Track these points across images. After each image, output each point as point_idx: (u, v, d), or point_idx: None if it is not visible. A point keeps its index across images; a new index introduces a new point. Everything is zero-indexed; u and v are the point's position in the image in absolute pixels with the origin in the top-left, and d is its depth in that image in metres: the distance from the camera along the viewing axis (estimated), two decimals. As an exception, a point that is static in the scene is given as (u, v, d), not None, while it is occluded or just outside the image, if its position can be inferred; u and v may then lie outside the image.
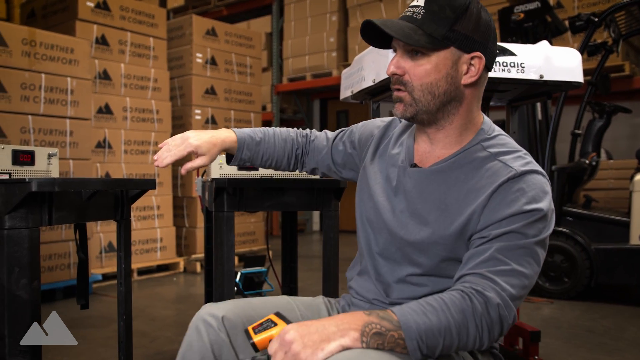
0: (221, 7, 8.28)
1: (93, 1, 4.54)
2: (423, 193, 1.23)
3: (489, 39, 1.20)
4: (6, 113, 3.61)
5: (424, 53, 1.18)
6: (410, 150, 1.31)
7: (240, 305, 1.29)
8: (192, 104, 5.23)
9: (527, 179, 1.13)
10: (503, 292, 1.05)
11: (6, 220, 1.30)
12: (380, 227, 1.30)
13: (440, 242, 1.17)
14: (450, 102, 1.21)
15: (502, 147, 1.21)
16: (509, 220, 1.10)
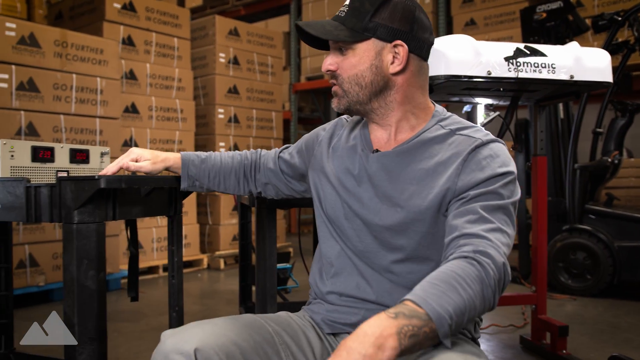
0: (239, 6, 8.37)
1: (120, 2, 4.64)
2: (391, 174, 1.24)
3: (414, 27, 1.22)
4: (40, 112, 3.72)
5: (350, 47, 1.23)
6: (367, 138, 1.33)
7: (207, 330, 1.11)
8: (215, 103, 5.32)
9: (493, 146, 1.18)
10: (499, 250, 1.05)
11: (75, 215, 1.39)
12: (351, 220, 1.29)
13: (419, 217, 1.18)
14: (382, 91, 1.24)
15: (459, 123, 1.26)
16: (485, 183, 1.13)
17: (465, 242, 1.07)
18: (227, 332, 1.13)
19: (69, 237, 1.39)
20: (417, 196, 1.19)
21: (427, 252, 1.21)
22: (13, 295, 2.15)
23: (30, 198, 1.44)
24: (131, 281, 1.87)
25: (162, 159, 1.52)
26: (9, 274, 2.12)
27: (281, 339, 1.22)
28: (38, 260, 3.66)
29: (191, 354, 1.05)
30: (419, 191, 1.19)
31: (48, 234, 3.73)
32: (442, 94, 2.49)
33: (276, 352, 1.19)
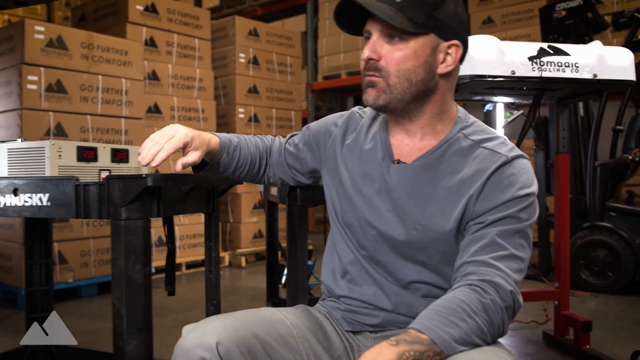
0: (256, 6, 8.45)
1: (142, 4, 4.74)
2: (413, 189, 1.18)
3: (464, 29, 1.18)
4: (67, 113, 3.82)
5: (402, 38, 1.13)
6: (387, 145, 1.25)
7: (228, 324, 1.10)
8: (235, 102, 5.41)
9: (517, 164, 1.15)
10: (509, 278, 1.06)
11: (123, 212, 1.47)
12: (366, 230, 1.24)
13: (441, 238, 1.15)
14: (425, 92, 1.17)
15: (483, 133, 1.20)
16: (504, 205, 1.11)
17: (473, 269, 1.08)
18: (247, 325, 1.11)
19: (117, 233, 1.47)
20: (440, 216, 1.15)
21: (448, 268, 1.17)
22: (53, 290, 2.24)
23: (79, 196, 1.53)
24: (168, 276, 1.95)
25: (207, 144, 1.28)
26: (49, 269, 2.21)
27: (300, 332, 1.20)
28: (67, 258, 3.77)
29: (213, 347, 1.04)
30: (442, 210, 1.15)
31: (76, 231, 3.83)
32: (465, 93, 2.54)
33: (295, 345, 1.17)
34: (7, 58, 3.76)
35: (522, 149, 1.93)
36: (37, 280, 2.19)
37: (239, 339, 1.07)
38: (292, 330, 1.19)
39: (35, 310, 2.20)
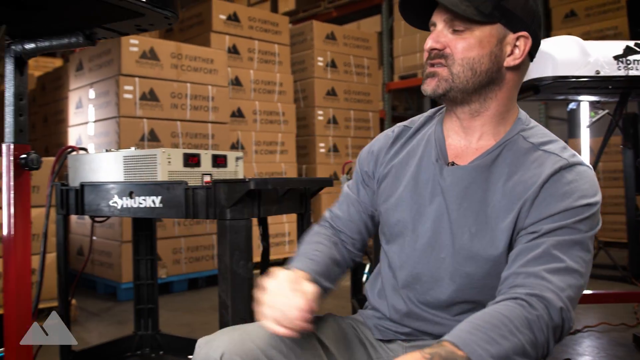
0: (331, 9, 8.61)
1: (225, 14, 4.99)
2: (466, 193, 1.13)
3: (535, 22, 1.13)
4: (160, 120, 4.11)
5: (467, 27, 1.10)
6: (442, 146, 1.20)
7: (236, 337, 1.10)
8: (314, 105, 5.59)
9: (579, 170, 1.08)
10: (562, 293, 0.98)
11: (228, 212, 1.64)
12: (414, 239, 1.19)
13: (492, 245, 1.10)
14: (489, 85, 1.13)
15: (543, 136, 1.15)
16: (561, 215, 1.04)
17: (521, 281, 1.00)
18: (256, 338, 1.11)
19: (222, 231, 1.65)
20: (493, 220, 1.10)
21: (494, 282, 1.09)
22: (158, 284, 2.47)
23: (188, 198, 1.72)
24: (263, 272, 2.11)
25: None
26: (154, 264, 2.43)
27: (319, 341, 1.18)
28: (160, 255, 4.05)
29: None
30: (495, 215, 1.10)
31: (169, 230, 4.12)
32: (548, 94, 2.57)
33: (310, 356, 1.15)
34: (106, 70, 4.09)
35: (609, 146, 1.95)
36: (143, 274, 2.43)
37: (244, 352, 1.07)
38: (313, 340, 1.17)
39: (142, 302, 2.43)
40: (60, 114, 4.88)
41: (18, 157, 1.52)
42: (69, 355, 2.09)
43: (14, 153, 1.52)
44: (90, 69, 4.28)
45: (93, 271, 4.16)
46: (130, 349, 2.40)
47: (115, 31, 1.46)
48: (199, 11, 5.02)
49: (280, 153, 5.24)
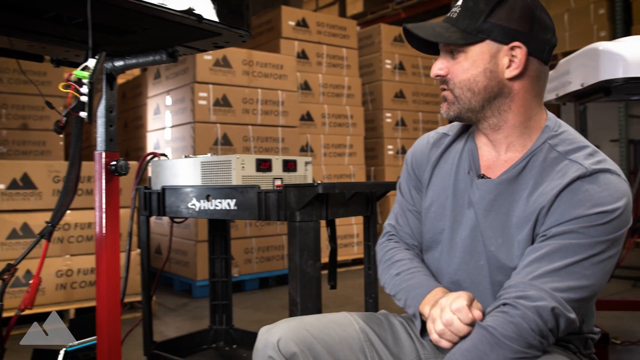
0: (399, 10, 8.64)
1: (294, 20, 5.15)
2: (492, 206, 1.19)
3: (534, 27, 1.15)
4: (232, 125, 4.30)
5: (462, 51, 1.16)
6: (475, 156, 1.26)
7: (292, 326, 1.23)
8: (382, 107, 5.66)
9: (599, 178, 1.09)
10: (558, 294, 1.04)
11: (297, 215, 1.75)
12: (453, 246, 1.26)
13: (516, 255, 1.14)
14: (496, 98, 1.17)
15: (571, 143, 1.16)
16: (572, 222, 1.07)
17: (516, 282, 1.08)
18: (310, 327, 1.23)
19: (292, 232, 1.76)
20: (516, 231, 1.15)
21: None
22: (232, 282, 2.62)
23: (261, 201, 1.84)
24: (331, 272, 2.22)
25: None
26: (228, 263, 2.59)
27: (366, 336, 1.28)
28: (233, 254, 4.24)
29: (275, 345, 1.18)
30: (519, 225, 1.15)
31: (241, 231, 4.30)
32: (620, 95, 2.55)
33: (360, 348, 1.25)
34: (182, 78, 4.32)
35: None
36: (218, 272, 2.58)
37: (298, 339, 1.19)
38: (359, 334, 1.27)
39: (217, 298, 2.58)
40: (139, 119, 5.18)
41: (108, 163, 1.69)
42: (151, 345, 2.27)
43: (105, 160, 1.69)
44: (167, 77, 4.53)
45: (170, 269, 4.41)
46: (205, 342, 2.56)
47: (195, 48, 1.61)
48: (269, 18, 5.20)
49: (348, 155, 5.35)
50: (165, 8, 1.27)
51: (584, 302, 1.08)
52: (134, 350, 2.69)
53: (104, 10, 1.23)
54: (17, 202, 3.26)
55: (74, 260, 3.38)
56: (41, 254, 1.55)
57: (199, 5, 1.36)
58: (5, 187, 3.23)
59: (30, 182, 3.31)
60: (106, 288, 1.72)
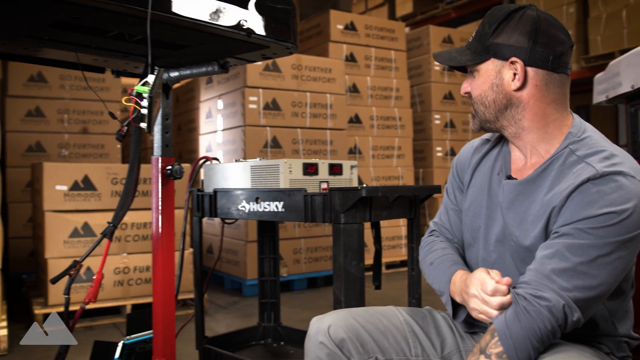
0: (449, 10, 8.60)
1: (342, 23, 5.23)
2: (513, 204, 1.30)
3: (536, 40, 1.24)
4: (281, 128, 4.42)
5: (476, 70, 1.32)
6: (507, 160, 1.38)
7: (341, 315, 1.38)
8: (431, 109, 5.68)
9: (611, 180, 1.14)
10: (565, 293, 1.11)
11: (342, 217, 1.83)
12: (487, 243, 1.37)
13: (531, 249, 1.23)
14: (508, 109, 1.30)
15: (591, 148, 1.22)
16: (582, 222, 1.13)
17: (530, 278, 1.16)
18: (358, 316, 1.38)
19: (337, 234, 1.84)
20: (531, 229, 1.25)
21: None
22: (280, 282, 2.72)
23: (307, 204, 1.93)
24: (375, 272, 2.29)
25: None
26: (277, 263, 2.69)
27: (410, 327, 1.40)
28: (282, 254, 4.36)
29: (326, 332, 1.33)
30: (534, 223, 1.24)
31: (290, 232, 4.41)
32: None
33: (404, 338, 1.38)
34: (232, 83, 4.47)
35: None
36: (266, 271, 2.69)
37: (347, 327, 1.34)
38: (403, 326, 1.41)
39: (266, 297, 2.69)
40: (192, 123, 5.37)
41: (164, 168, 1.82)
42: (203, 340, 2.39)
43: (161, 165, 1.81)
44: (219, 82, 4.68)
45: (221, 268, 4.56)
46: (254, 338, 2.67)
47: (245, 60, 1.71)
48: (318, 22, 5.30)
49: (397, 157, 5.39)
50: (217, 25, 1.38)
51: (591, 301, 1.14)
52: (187, 344, 2.83)
53: (161, 28, 1.34)
54: (78, 203, 3.47)
55: (130, 258, 3.56)
56: (103, 252, 1.68)
57: (248, 20, 1.46)
58: (67, 189, 3.44)
59: (91, 184, 3.51)
60: (162, 285, 1.84)
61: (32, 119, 4.49)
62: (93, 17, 1.26)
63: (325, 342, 1.32)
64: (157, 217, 1.83)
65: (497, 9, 1.32)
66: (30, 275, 4.33)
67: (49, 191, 3.40)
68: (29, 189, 4.35)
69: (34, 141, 4.51)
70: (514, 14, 1.27)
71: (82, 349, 2.78)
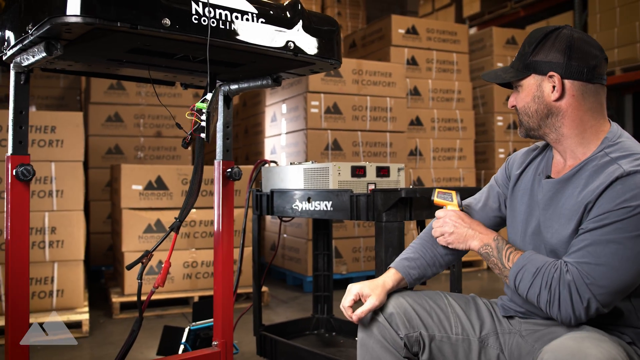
0: (518, 9, 8.54)
1: (403, 28, 5.39)
2: (551, 201, 1.45)
3: (570, 56, 1.41)
4: (342, 131, 4.64)
5: (519, 85, 1.50)
6: (548, 162, 1.55)
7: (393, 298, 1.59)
8: (494, 111, 5.75)
9: (634, 178, 1.28)
10: (582, 279, 1.28)
11: (384, 216, 2.02)
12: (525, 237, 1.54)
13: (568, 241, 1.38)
14: (549, 118, 1.46)
15: (624, 151, 1.36)
16: (604, 215, 1.28)
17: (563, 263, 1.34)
18: (407, 299, 1.59)
19: (379, 231, 2.04)
20: (567, 223, 1.39)
21: None
22: (335, 278, 2.93)
23: (352, 203, 2.13)
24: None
25: (382, 285, 1.61)
26: (330, 259, 2.90)
27: (453, 309, 1.59)
28: (342, 253, 4.57)
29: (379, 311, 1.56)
30: (569, 217, 1.39)
31: (349, 231, 4.62)
32: None
33: (446, 317, 1.57)
34: (295, 88, 4.72)
35: None
36: (320, 267, 2.91)
37: (396, 304, 1.56)
38: (447, 307, 1.61)
39: (319, 290, 2.91)
40: (258, 126, 5.67)
41: (225, 171, 2.07)
42: (260, 327, 2.63)
43: (222, 168, 2.07)
44: (283, 87, 4.95)
45: (284, 265, 4.82)
46: (308, 329, 2.90)
47: (295, 74, 1.93)
48: (380, 27, 5.48)
49: (458, 159, 5.49)
50: (268, 47, 1.60)
51: (612, 295, 1.29)
52: (247, 333, 3.09)
53: (219, 51, 1.58)
54: (151, 201, 3.81)
55: (198, 253, 3.88)
56: (171, 245, 1.95)
57: (296, 41, 1.67)
58: (142, 188, 3.79)
59: (163, 184, 3.84)
60: (221, 274, 2.09)
61: (111, 123, 4.91)
62: (162, 44, 1.52)
63: (376, 316, 1.55)
64: (218, 214, 2.09)
65: (536, 31, 1.50)
66: (108, 267, 4.75)
67: (126, 190, 3.76)
68: (108, 188, 4.77)
69: (113, 144, 4.93)
70: (550, 34, 1.45)
71: (154, 334, 3.09)
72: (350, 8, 9.63)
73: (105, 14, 1.29)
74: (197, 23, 1.44)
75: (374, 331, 1.55)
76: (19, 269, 1.65)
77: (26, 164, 1.63)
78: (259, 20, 1.58)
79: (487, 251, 1.50)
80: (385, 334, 1.53)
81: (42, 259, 3.31)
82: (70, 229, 3.37)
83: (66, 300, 3.36)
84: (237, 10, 1.53)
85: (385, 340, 1.53)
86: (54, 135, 3.35)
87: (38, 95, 5.55)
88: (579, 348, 1.18)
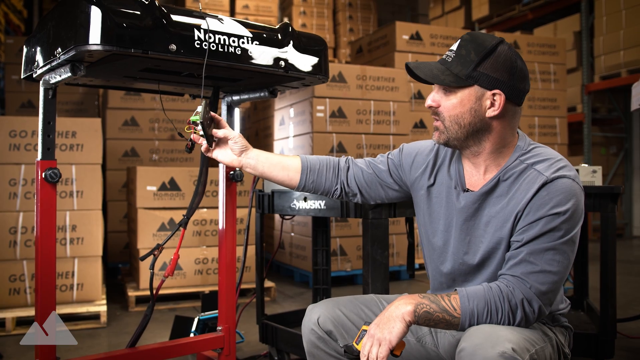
0: (526, 11, 8.73)
1: (408, 34, 5.63)
2: (476, 213, 1.50)
3: (514, 77, 1.42)
4: (347, 134, 4.88)
5: (453, 91, 1.44)
6: (461, 175, 1.56)
7: (329, 305, 1.65)
8: (495, 114, 5.95)
9: (556, 184, 1.37)
10: (530, 290, 1.35)
11: (370, 213, 2.27)
12: (445, 251, 1.58)
13: (498, 248, 1.45)
14: (478, 132, 1.46)
15: (538, 156, 1.44)
16: (536, 222, 1.35)
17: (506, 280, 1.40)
18: (342, 306, 1.64)
19: (366, 227, 2.28)
20: (498, 231, 1.45)
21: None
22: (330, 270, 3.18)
23: (343, 203, 2.38)
24: (409, 263, 2.70)
25: (246, 156, 1.89)
26: (328, 254, 3.15)
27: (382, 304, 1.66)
28: (346, 250, 4.82)
29: (316, 321, 1.63)
30: (498, 225, 1.45)
31: (353, 229, 4.86)
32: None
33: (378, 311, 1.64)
34: (302, 93, 4.98)
35: None
36: (320, 262, 3.15)
37: (334, 317, 1.62)
38: (376, 307, 1.68)
39: (318, 283, 3.16)
40: (268, 129, 5.93)
41: (228, 172, 2.33)
42: (262, 316, 2.89)
43: (225, 170, 2.33)
44: (291, 92, 5.21)
45: (291, 262, 5.08)
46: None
47: (289, 87, 2.19)
48: (384, 33, 5.73)
49: (460, 161, 5.70)
50: (261, 65, 1.86)
51: (553, 293, 1.40)
52: (251, 324, 3.35)
53: (220, 69, 1.84)
54: (165, 201, 4.09)
55: (209, 250, 4.15)
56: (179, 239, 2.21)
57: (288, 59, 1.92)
58: (156, 189, 4.08)
59: (176, 185, 4.12)
60: (225, 268, 2.35)
61: (128, 127, 5.21)
62: (170, 65, 1.78)
63: (316, 330, 1.63)
64: (222, 212, 2.35)
65: (481, 38, 1.45)
66: (125, 264, 5.04)
67: (141, 191, 4.05)
68: (125, 189, 5.06)
69: (129, 147, 5.23)
70: (497, 47, 1.42)
71: (166, 325, 3.37)
72: (362, 11, 9.89)
73: (121, 43, 1.55)
74: (199, 47, 1.70)
75: (318, 345, 1.64)
76: (47, 262, 1.88)
77: (53, 167, 1.89)
78: (253, 42, 1.84)
79: (426, 309, 1.37)
80: (327, 345, 1.63)
81: (64, 254, 3.60)
82: (90, 227, 3.66)
83: (86, 293, 3.65)
84: (234, 35, 1.79)
85: (332, 350, 1.63)
86: (75, 139, 3.64)
87: (59, 100, 5.87)
88: (493, 330, 1.31)
